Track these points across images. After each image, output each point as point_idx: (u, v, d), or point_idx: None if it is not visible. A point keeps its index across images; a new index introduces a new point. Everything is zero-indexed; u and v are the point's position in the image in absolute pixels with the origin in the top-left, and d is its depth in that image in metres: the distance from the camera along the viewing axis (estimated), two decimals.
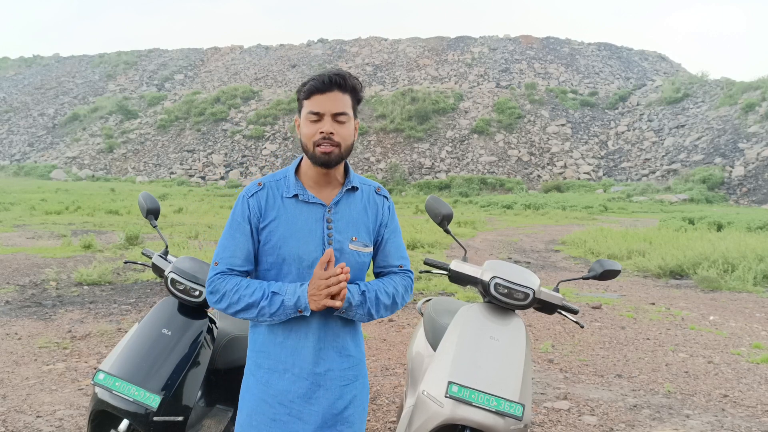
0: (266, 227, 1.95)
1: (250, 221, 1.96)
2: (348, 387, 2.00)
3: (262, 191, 1.98)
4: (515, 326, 2.62)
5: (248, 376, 2.01)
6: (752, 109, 41.24)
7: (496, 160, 46.63)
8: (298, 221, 1.95)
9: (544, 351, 5.82)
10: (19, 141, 61.59)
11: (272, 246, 1.94)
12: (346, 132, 1.93)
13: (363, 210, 2.04)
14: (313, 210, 1.97)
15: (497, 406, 2.29)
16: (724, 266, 10.10)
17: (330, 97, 1.91)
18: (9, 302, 7.06)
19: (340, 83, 1.93)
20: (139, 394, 2.35)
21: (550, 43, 71.56)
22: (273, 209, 1.96)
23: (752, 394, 4.75)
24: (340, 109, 1.92)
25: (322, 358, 1.95)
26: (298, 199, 1.97)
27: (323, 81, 1.92)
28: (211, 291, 1.93)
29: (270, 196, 1.98)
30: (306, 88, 1.94)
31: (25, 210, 19.60)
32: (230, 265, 1.94)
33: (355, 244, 1.99)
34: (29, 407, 4.04)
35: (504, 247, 14.39)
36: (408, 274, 2.14)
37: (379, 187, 2.14)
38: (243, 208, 1.97)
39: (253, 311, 1.88)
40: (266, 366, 1.95)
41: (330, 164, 1.93)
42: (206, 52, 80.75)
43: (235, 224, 1.97)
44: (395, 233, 2.13)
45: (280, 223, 1.94)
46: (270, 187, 2.00)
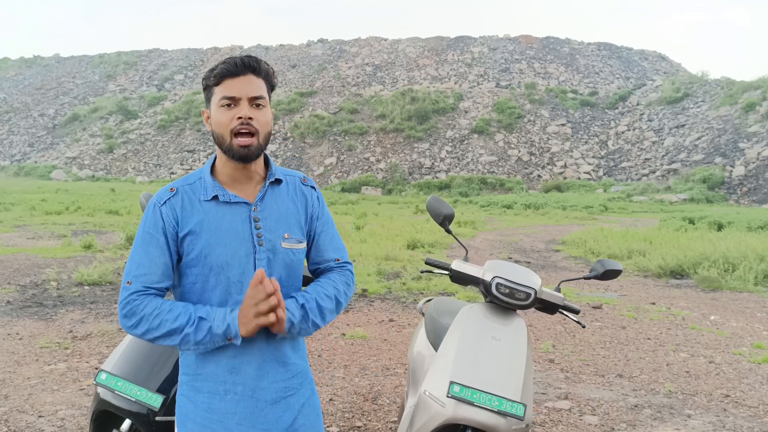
0: (186, 237, 1.73)
1: (165, 232, 1.73)
2: (294, 397, 1.84)
3: (176, 197, 1.76)
4: (517, 326, 2.62)
5: (184, 402, 1.79)
6: (753, 108, 41.24)
7: (496, 159, 46.64)
8: (222, 225, 1.74)
9: (544, 351, 5.82)
10: (19, 141, 61.62)
11: (196, 257, 1.73)
12: (264, 118, 1.75)
13: (291, 203, 1.87)
14: (237, 210, 1.77)
15: (499, 405, 2.29)
16: (724, 266, 10.10)
17: (244, 80, 1.73)
18: (10, 302, 7.06)
19: (254, 66, 1.76)
20: (141, 394, 2.35)
21: (549, 43, 71.55)
22: (192, 215, 1.74)
23: (754, 394, 4.75)
24: (257, 92, 1.74)
25: (266, 371, 1.79)
26: (219, 201, 1.76)
27: (235, 63, 1.74)
28: (126, 314, 1.69)
29: (186, 202, 1.75)
30: (216, 72, 1.74)
31: (26, 210, 19.60)
32: (146, 282, 1.71)
33: (287, 241, 1.82)
34: (31, 407, 4.04)
35: (504, 247, 14.39)
36: (346, 266, 1.98)
37: (305, 177, 1.97)
38: (155, 219, 1.74)
39: (176, 338, 1.67)
40: (206, 389, 1.76)
41: (249, 158, 1.74)
42: (206, 52, 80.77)
43: (147, 237, 1.73)
44: (328, 225, 1.97)
45: (202, 230, 1.73)
46: (184, 191, 1.77)
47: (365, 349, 5.73)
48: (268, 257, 1.78)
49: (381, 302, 7.81)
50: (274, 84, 1.86)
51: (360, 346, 5.82)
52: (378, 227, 16.82)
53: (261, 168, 1.85)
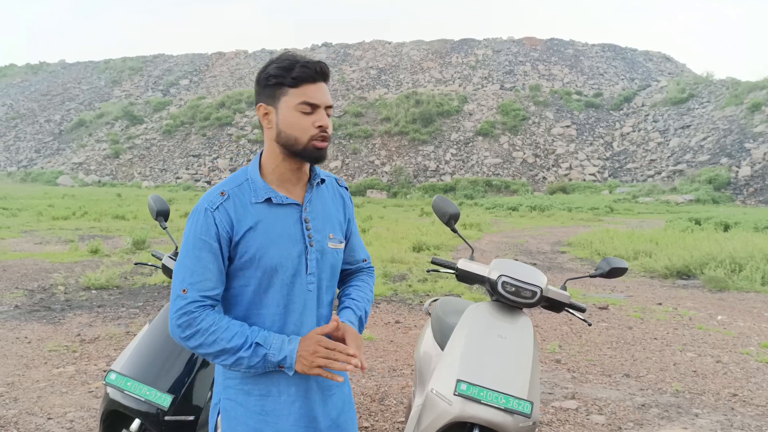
0: (241, 240, 1.70)
1: (219, 238, 1.69)
2: (336, 395, 1.86)
3: (228, 201, 1.72)
4: (523, 324, 2.63)
5: (233, 406, 1.76)
6: (758, 108, 41.10)
7: (501, 162, 46.60)
8: (276, 227, 1.73)
9: (551, 351, 5.82)
10: (26, 147, 61.92)
11: (249, 259, 1.71)
12: (331, 126, 1.78)
13: (332, 203, 1.90)
14: (289, 212, 1.76)
15: (506, 403, 2.29)
16: (731, 266, 10.07)
17: (321, 87, 1.73)
18: (18, 307, 7.10)
19: (327, 74, 1.77)
20: (150, 394, 2.37)
21: (553, 45, 71.50)
22: (245, 218, 1.71)
23: (762, 393, 4.74)
24: (330, 102, 1.76)
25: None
26: (271, 203, 1.75)
27: (315, 70, 1.72)
28: (181, 325, 1.65)
29: (238, 205, 1.72)
30: (295, 74, 1.70)
31: (33, 216, 19.69)
32: (202, 290, 1.67)
33: (332, 241, 1.84)
34: (40, 409, 4.07)
35: (510, 248, 14.38)
36: (372, 268, 2.08)
37: (339, 179, 2.00)
38: (207, 224, 1.69)
39: (229, 358, 1.65)
40: (257, 392, 1.74)
41: (322, 159, 1.75)
42: (211, 57, 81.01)
43: (200, 243, 1.68)
44: (355, 226, 2.02)
45: (257, 233, 1.71)
46: (234, 194, 1.73)
47: (372, 351, 5.74)
48: (317, 258, 1.79)
49: (387, 304, 7.82)
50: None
51: (366, 348, 5.83)
52: (383, 230, 16.83)
53: (307, 169, 1.85)
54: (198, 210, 1.72)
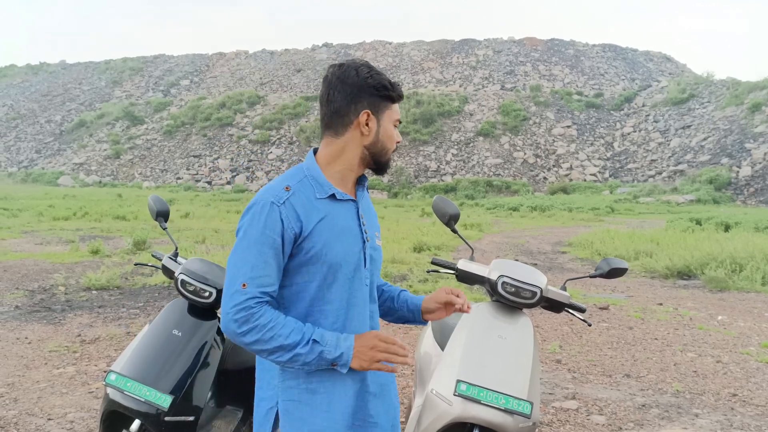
0: (309, 236, 1.69)
1: (284, 234, 1.66)
2: (391, 390, 1.92)
3: (295, 197, 1.71)
4: (523, 325, 2.63)
5: (295, 407, 1.74)
6: (758, 109, 41.10)
7: (502, 162, 46.59)
8: (339, 223, 1.75)
9: (552, 351, 5.82)
10: (26, 148, 61.97)
11: (315, 254, 1.70)
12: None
13: (369, 202, 1.96)
14: (348, 208, 1.80)
15: (506, 404, 2.29)
16: (732, 266, 10.07)
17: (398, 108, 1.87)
18: (19, 307, 7.10)
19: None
20: (150, 395, 2.37)
21: (554, 45, 71.49)
22: (312, 214, 1.70)
23: (762, 393, 4.74)
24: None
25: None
26: (335, 199, 1.77)
27: (400, 95, 1.84)
28: (239, 320, 1.61)
29: (304, 200, 1.71)
30: (399, 92, 1.82)
31: (33, 216, 19.70)
32: (262, 286, 1.64)
33: (377, 239, 1.91)
34: (40, 410, 4.07)
35: (511, 248, 14.38)
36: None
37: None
38: (273, 219, 1.66)
39: (284, 355, 1.63)
40: (323, 390, 1.73)
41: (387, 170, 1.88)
42: (211, 57, 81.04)
43: (263, 238, 1.65)
44: None
45: (323, 228, 1.71)
46: (299, 190, 1.73)
47: None
48: (371, 254, 1.84)
49: None
50: None
51: None
52: (384, 230, 16.83)
53: None
54: (262, 203, 1.69)
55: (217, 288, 2.59)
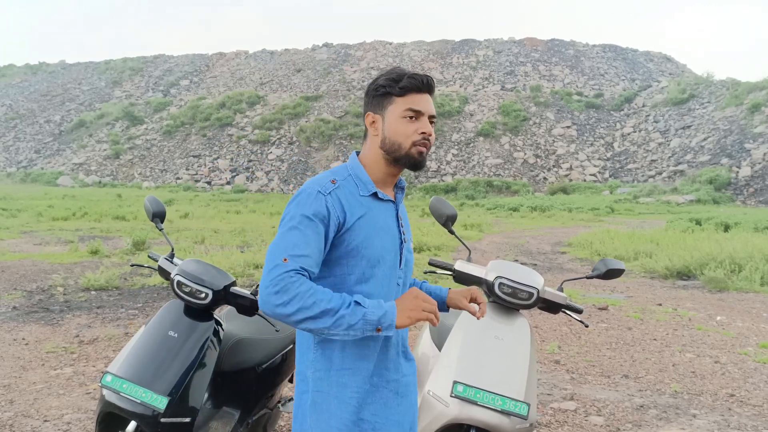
0: (351, 228, 1.75)
1: (328, 222, 1.72)
2: (413, 392, 1.94)
3: (340, 189, 1.78)
4: (520, 326, 2.63)
5: (326, 400, 1.78)
6: (758, 109, 41.13)
7: (502, 162, 46.61)
8: (380, 220, 1.82)
9: (550, 352, 5.81)
10: (25, 148, 61.97)
11: (356, 247, 1.76)
12: (433, 135, 1.86)
13: (404, 210, 2.01)
14: (388, 208, 1.88)
15: (502, 405, 2.29)
16: (731, 267, 10.07)
17: (425, 98, 1.83)
18: (16, 308, 7.09)
19: (433, 87, 1.87)
20: (146, 396, 2.36)
21: (554, 45, 71.50)
22: (355, 208, 1.77)
23: (759, 394, 4.73)
24: (434, 112, 1.86)
25: (399, 363, 1.89)
26: (377, 198, 1.84)
27: (422, 81, 1.81)
28: (279, 290, 1.60)
29: (349, 195, 1.79)
30: (402, 84, 1.80)
31: (32, 216, 19.70)
32: (302, 263, 1.65)
33: (411, 242, 1.98)
34: (36, 412, 4.06)
35: (510, 249, 14.38)
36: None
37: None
38: (318, 205, 1.71)
39: (328, 320, 1.60)
40: (354, 384, 1.77)
41: (422, 165, 1.85)
42: (211, 57, 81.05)
43: (307, 221, 1.69)
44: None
45: (364, 223, 1.78)
46: (343, 185, 1.80)
47: None
48: (406, 256, 1.91)
49: None
50: None
51: None
52: None
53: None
54: (308, 192, 1.75)
55: (213, 289, 2.58)
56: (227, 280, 2.64)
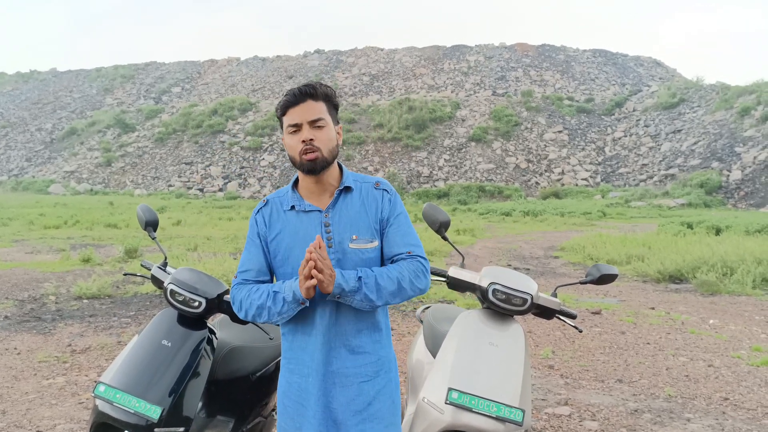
0: (273, 240, 2.05)
1: (260, 236, 2.08)
2: (368, 383, 2.04)
3: (266, 207, 2.10)
4: (514, 332, 2.63)
5: (283, 382, 2.11)
6: (748, 113, 41.40)
7: (494, 167, 46.70)
8: (300, 231, 2.02)
9: (544, 357, 5.82)
10: (16, 156, 61.65)
11: (281, 258, 2.04)
12: (325, 136, 2.00)
13: (362, 207, 2.07)
14: (312, 218, 2.03)
15: (497, 411, 2.29)
16: (723, 270, 10.11)
17: (303, 107, 1.98)
18: (8, 317, 7.05)
19: (311, 93, 1.99)
20: (139, 406, 2.34)
21: (545, 51, 71.83)
22: (277, 222, 2.06)
23: (752, 397, 4.75)
24: (315, 116, 1.98)
25: (334, 356, 2.01)
26: (297, 210, 2.05)
27: (294, 94, 1.99)
28: (232, 302, 2.05)
29: (274, 211, 2.08)
30: (280, 104, 2.02)
31: (24, 225, 19.59)
32: (245, 276, 2.06)
33: (356, 242, 2.02)
34: (29, 422, 4.03)
35: (503, 254, 14.39)
36: (416, 258, 2.07)
37: (379, 181, 2.15)
38: (252, 225, 2.11)
39: (264, 313, 1.96)
40: (297, 372, 2.05)
41: (316, 170, 1.99)
42: (203, 64, 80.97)
43: (248, 240, 2.11)
44: (399, 222, 2.12)
45: (284, 235, 2.04)
46: (273, 202, 2.10)
47: None
48: (337, 257, 2.01)
49: None
50: (336, 103, 2.10)
51: None
52: None
53: (335, 179, 2.10)
54: (252, 214, 2.14)
55: (207, 297, 2.57)
56: (220, 288, 2.64)
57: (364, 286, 1.94)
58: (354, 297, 1.94)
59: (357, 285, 1.93)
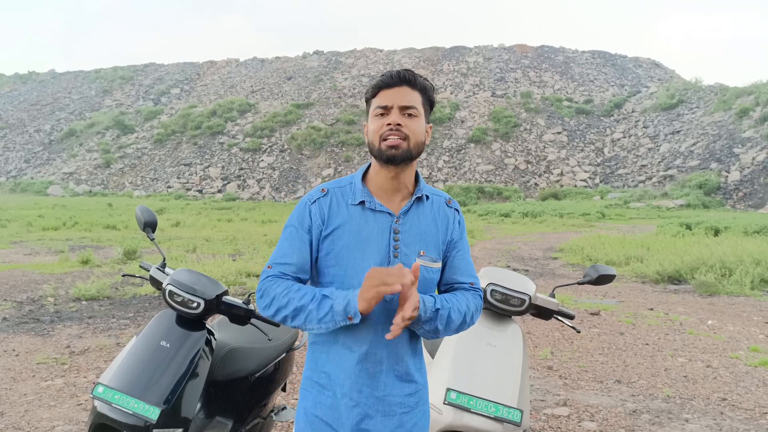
0: (329, 236, 1.78)
1: (311, 229, 1.80)
2: (408, 415, 1.82)
3: (326, 197, 1.82)
4: (512, 332, 2.64)
5: (307, 395, 1.85)
6: (746, 114, 41.45)
7: (493, 168, 46.72)
8: (364, 230, 1.78)
9: (543, 358, 5.82)
10: (15, 157, 61.62)
11: (334, 256, 1.78)
12: (415, 126, 1.76)
13: (433, 222, 1.86)
14: (380, 219, 1.79)
15: (495, 412, 2.29)
16: (721, 271, 10.12)
17: (398, 91, 1.76)
18: (6, 319, 7.04)
19: (410, 79, 1.78)
20: (138, 407, 2.34)
21: (544, 52, 71.90)
22: (337, 216, 1.79)
23: (750, 397, 4.75)
24: (408, 102, 1.76)
25: (383, 381, 1.78)
26: (365, 207, 1.80)
27: (391, 76, 1.78)
28: (261, 295, 1.76)
29: (334, 203, 1.81)
30: (374, 84, 1.80)
31: (22, 226, 19.58)
32: (283, 270, 1.78)
33: (423, 258, 1.81)
34: (27, 423, 4.03)
35: (502, 255, 14.40)
36: (479, 292, 1.91)
37: (450, 199, 1.95)
38: (302, 215, 1.82)
39: (302, 316, 1.69)
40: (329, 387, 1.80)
41: (396, 159, 1.74)
42: (202, 65, 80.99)
43: (292, 230, 1.81)
44: (465, 249, 1.92)
45: (344, 232, 1.78)
46: (334, 193, 1.83)
47: None
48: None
49: None
50: (432, 99, 1.86)
51: None
52: None
53: (411, 182, 1.86)
54: (300, 202, 1.85)
55: (205, 299, 2.58)
56: (219, 290, 2.64)
57: (439, 318, 1.75)
58: (423, 326, 1.73)
59: (433, 315, 1.73)
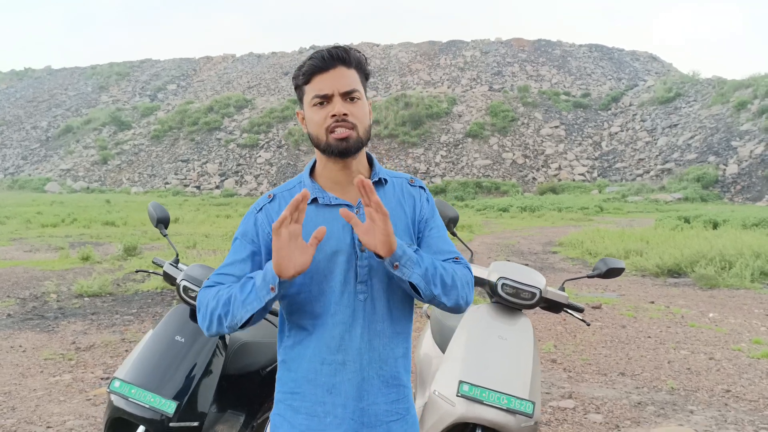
0: None
1: (256, 239, 1.61)
2: (397, 423, 1.62)
3: (273, 203, 1.64)
4: (523, 325, 2.67)
5: (281, 422, 1.62)
6: (744, 107, 41.49)
7: (491, 163, 46.74)
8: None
9: (547, 351, 5.86)
10: (12, 154, 61.47)
11: None
12: (360, 111, 1.59)
13: (398, 205, 1.67)
14: (338, 214, 1.55)
15: (508, 404, 2.32)
16: (721, 264, 10.17)
17: (335, 74, 1.56)
18: (11, 315, 7.06)
19: (343, 57, 1.58)
20: (155, 401, 2.37)
21: (541, 46, 71.85)
22: None
23: (754, 389, 4.80)
24: (350, 86, 1.57)
25: (366, 389, 1.58)
26: (318, 204, 1.61)
27: (323, 57, 1.57)
28: (198, 309, 1.57)
29: (283, 207, 1.61)
30: (304, 70, 1.59)
31: (21, 223, 19.56)
32: (219, 280, 1.60)
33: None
34: (39, 418, 4.06)
35: (502, 249, 14.44)
36: (467, 266, 1.71)
37: (413, 177, 1.77)
38: (247, 226, 1.64)
39: (227, 306, 1.49)
40: (304, 410, 1.58)
41: (349, 151, 1.57)
42: (198, 61, 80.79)
43: (237, 242, 1.64)
44: (438, 226, 1.74)
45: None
46: (282, 197, 1.65)
47: None
48: (370, 264, 1.58)
49: None
50: (368, 72, 1.68)
51: None
52: None
53: (365, 168, 1.69)
54: (248, 212, 1.68)
55: None
56: None
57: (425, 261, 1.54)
58: (413, 269, 1.50)
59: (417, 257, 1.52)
